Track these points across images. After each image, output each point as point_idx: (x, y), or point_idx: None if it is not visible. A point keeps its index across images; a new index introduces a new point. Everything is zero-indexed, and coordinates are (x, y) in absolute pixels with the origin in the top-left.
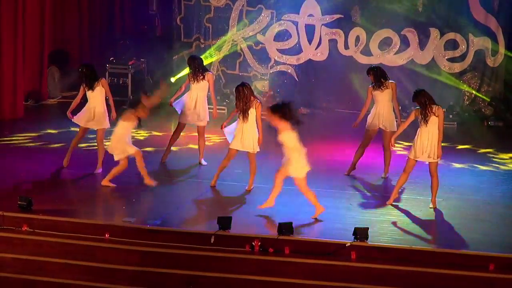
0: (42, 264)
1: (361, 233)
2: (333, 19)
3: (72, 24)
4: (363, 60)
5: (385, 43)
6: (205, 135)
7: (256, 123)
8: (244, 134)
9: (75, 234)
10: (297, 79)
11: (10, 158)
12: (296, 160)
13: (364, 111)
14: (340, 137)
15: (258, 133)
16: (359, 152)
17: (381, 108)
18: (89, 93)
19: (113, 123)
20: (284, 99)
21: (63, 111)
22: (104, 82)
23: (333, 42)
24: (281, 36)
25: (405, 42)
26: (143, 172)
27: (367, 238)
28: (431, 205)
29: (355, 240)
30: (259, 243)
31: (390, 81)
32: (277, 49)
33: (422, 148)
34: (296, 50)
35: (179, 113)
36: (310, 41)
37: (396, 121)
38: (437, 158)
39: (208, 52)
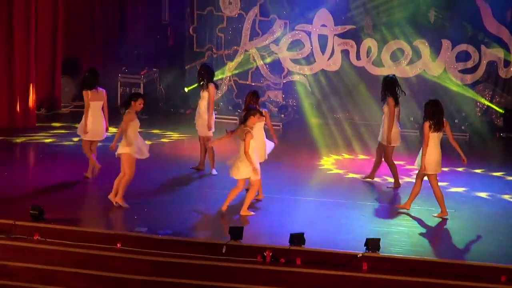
0: (53, 273)
1: (373, 244)
2: (345, 30)
3: (85, 33)
4: (375, 71)
5: (397, 54)
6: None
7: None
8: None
9: (87, 243)
10: (310, 89)
11: (22, 167)
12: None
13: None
14: (352, 147)
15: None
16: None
17: (383, 121)
18: (93, 104)
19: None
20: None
21: (75, 120)
22: (105, 92)
23: (345, 53)
24: (295, 46)
25: (416, 53)
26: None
27: (379, 249)
28: (435, 214)
29: (367, 251)
30: (270, 254)
31: (389, 96)
32: (290, 59)
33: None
34: (309, 60)
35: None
36: (323, 51)
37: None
38: (420, 168)
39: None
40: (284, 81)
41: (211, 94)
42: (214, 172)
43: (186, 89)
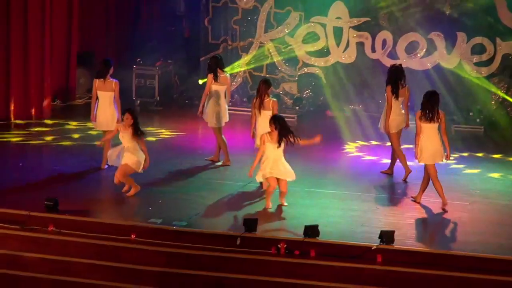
0: (67, 265)
1: (387, 236)
2: (361, 22)
3: (99, 25)
4: (390, 63)
5: (412, 47)
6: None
7: None
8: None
9: (101, 234)
10: (325, 81)
11: (37, 159)
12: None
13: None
14: (366, 140)
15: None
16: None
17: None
18: (99, 93)
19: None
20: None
21: (90, 111)
22: (115, 83)
23: (360, 45)
24: (310, 38)
25: (432, 46)
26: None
27: (393, 242)
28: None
29: (381, 243)
30: (285, 246)
31: (387, 85)
32: (305, 51)
33: None
34: (324, 52)
35: None
36: (338, 43)
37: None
38: (416, 159)
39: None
40: (299, 73)
41: (207, 84)
42: (219, 163)
43: (200, 81)
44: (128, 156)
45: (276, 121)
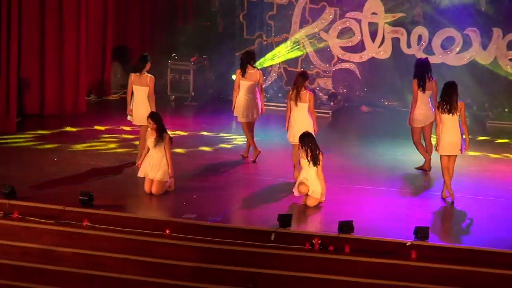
0: (102, 259)
1: (421, 232)
2: (396, 18)
3: (134, 20)
4: None
5: (448, 42)
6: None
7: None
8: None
9: (136, 229)
10: (359, 77)
11: (72, 154)
12: None
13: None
14: (401, 135)
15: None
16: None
17: None
18: (134, 88)
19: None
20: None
21: (125, 106)
22: (151, 78)
23: (395, 41)
24: (344, 33)
25: (467, 42)
26: None
27: (427, 238)
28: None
29: (416, 239)
30: (319, 241)
31: (414, 79)
32: (340, 47)
33: None
34: (359, 47)
35: None
36: (373, 39)
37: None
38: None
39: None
40: (334, 69)
41: (236, 79)
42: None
43: (233, 76)
44: (155, 172)
45: (301, 140)
